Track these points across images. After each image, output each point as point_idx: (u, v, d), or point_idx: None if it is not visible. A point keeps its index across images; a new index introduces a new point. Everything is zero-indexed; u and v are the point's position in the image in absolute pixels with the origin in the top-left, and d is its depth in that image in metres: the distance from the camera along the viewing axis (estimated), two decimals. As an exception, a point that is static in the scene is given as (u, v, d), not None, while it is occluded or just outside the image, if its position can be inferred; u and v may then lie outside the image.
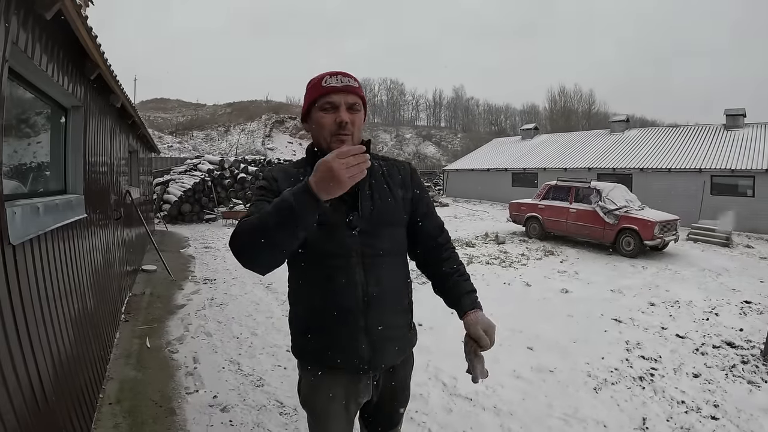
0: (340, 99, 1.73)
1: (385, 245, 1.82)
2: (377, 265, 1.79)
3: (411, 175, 1.99)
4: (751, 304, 7.67)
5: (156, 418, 3.67)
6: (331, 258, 1.75)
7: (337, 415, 1.88)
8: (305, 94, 1.83)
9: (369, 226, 1.77)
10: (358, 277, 1.75)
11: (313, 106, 1.78)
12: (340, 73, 1.76)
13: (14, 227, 2.21)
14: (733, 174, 18.38)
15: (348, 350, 1.77)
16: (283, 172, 1.84)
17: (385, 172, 1.92)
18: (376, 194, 1.83)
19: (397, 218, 1.88)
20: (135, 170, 10.47)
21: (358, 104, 1.78)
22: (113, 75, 4.78)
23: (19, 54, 2.38)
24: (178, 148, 41.34)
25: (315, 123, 1.78)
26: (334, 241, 1.74)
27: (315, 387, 1.87)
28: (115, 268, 5.80)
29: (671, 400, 4.24)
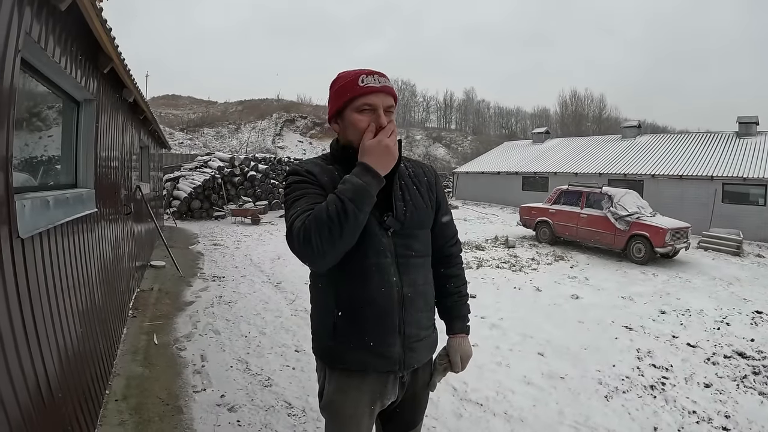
0: (379, 101, 1.68)
1: (416, 246, 1.81)
2: (410, 266, 1.78)
3: (435, 179, 1.98)
4: (762, 314, 7.60)
5: (162, 416, 3.65)
6: (367, 258, 1.71)
7: (363, 418, 1.84)
8: (334, 91, 1.76)
9: (402, 227, 1.76)
10: (393, 277, 1.73)
11: (347, 106, 1.72)
12: (377, 73, 1.72)
13: (23, 220, 2.19)
14: (745, 182, 18.21)
15: (382, 351, 1.74)
16: (317, 166, 1.78)
17: (412, 174, 1.90)
18: (407, 195, 1.81)
19: (427, 220, 1.87)
20: (146, 166, 10.50)
21: (393, 106, 1.74)
22: (126, 69, 4.77)
23: (33, 45, 2.36)
24: (188, 145, 41.46)
25: (350, 124, 1.72)
26: (369, 241, 1.70)
27: (342, 390, 1.82)
28: (124, 263, 5.79)
29: (683, 410, 4.19)
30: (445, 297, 2.00)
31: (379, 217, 1.72)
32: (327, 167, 1.78)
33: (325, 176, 1.72)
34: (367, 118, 1.67)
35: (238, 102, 56.95)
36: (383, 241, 1.72)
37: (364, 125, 1.67)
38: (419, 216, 1.82)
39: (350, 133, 1.72)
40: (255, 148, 42.81)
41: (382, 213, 1.73)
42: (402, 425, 2.02)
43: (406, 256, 1.77)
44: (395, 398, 1.89)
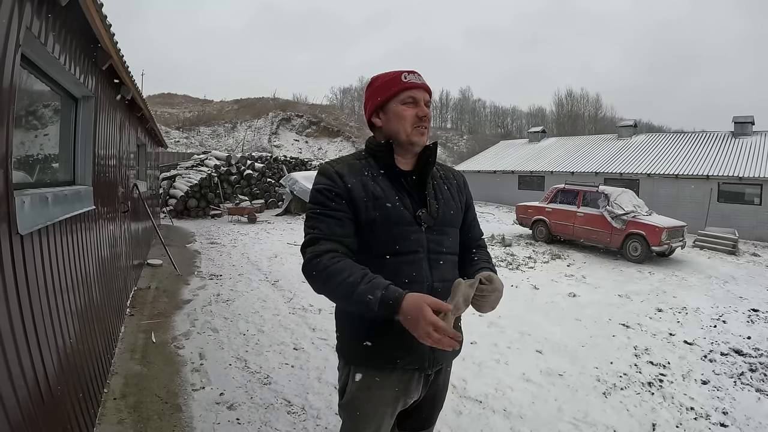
0: (421, 95, 1.85)
1: (447, 243, 1.89)
2: (441, 262, 1.85)
3: (464, 182, 2.12)
4: (758, 312, 7.65)
5: (161, 415, 3.63)
6: (400, 253, 1.78)
7: (384, 418, 1.88)
8: (376, 88, 1.90)
9: (436, 224, 1.85)
10: (424, 272, 1.79)
11: (391, 99, 1.85)
12: (416, 72, 1.88)
13: (23, 216, 2.18)
14: (741, 182, 18.31)
15: (412, 348, 1.75)
16: (348, 166, 1.86)
17: (443, 176, 2.03)
18: (439, 194, 1.93)
19: (457, 220, 1.98)
20: (143, 164, 10.48)
21: (430, 102, 1.92)
22: (125, 66, 4.75)
23: (33, 40, 2.35)
24: (185, 144, 41.42)
25: (395, 115, 1.84)
26: (402, 236, 1.79)
27: (367, 388, 1.85)
28: (122, 262, 5.77)
29: (680, 407, 4.21)
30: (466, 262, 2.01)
31: (413, 212, 1.81)
32: (358, 166, 1.87)
33: (354, 177, 1.81)
34: (412, 110, 1.83)
35: (234, 101, 56.89)
36: (414, 236, 1.80)
37: (409, 114, 1.82)
38: (451, 214, 1.92)
39: (395, 124, 1.84)
40: (251, 146, 42.84)
41: (414, 209, 1.82)
42: (419, 423, 2.07)
43: (437, 252, 1.84)
44: (418, 396, 1.93)
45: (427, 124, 1.86)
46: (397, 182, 1.84)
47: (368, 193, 1.78)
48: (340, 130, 53.22)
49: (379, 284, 1.55)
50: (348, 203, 1.76)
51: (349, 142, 51.80)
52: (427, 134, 1.87)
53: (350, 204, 1.76)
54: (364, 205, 1.76)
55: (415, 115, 1.82)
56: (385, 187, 1.82)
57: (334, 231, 1.72)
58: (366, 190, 1.79)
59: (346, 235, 1.74)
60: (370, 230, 1.78)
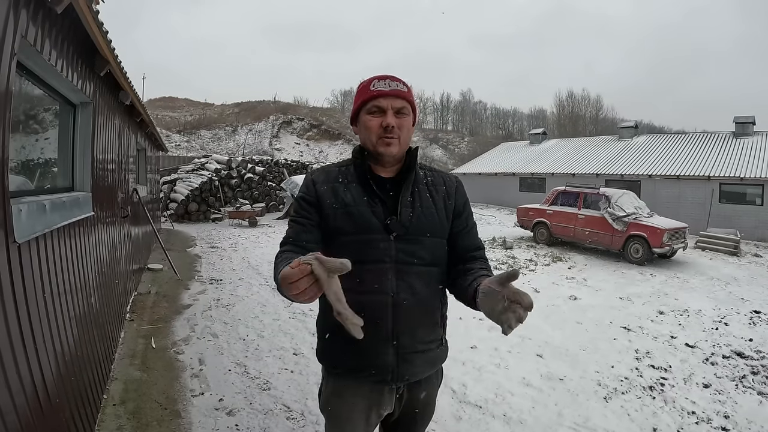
0: (387, 103, 1.76)
1: (421, 253, 1.78)
2: (411, 274, 1.75)
3: (456, 189, 1.97)
4: (760, 314, 7.62)
5: (161, 421, 3.63)
6: (364, 261, 1.70)
7: (357, 424, 1.85)
8: (355, 97, 1.89)
9: (407, 233, 1.76)
10: (389, 283, 1.72)
11: (361, 109, 1.82)
12: (389, 77, 1.81)
13: (20, 225, 2.18)
14: (742, 182, 18.30)
15: (372, 358, 1.73)
16: (325, 173, 1.88)
17: (430, 182, 1.92)
18: (418, 202, 1.82)
19: (438, 228, 1.84)
20: (143, 168, 10.49)
21: (405, 108, 1.80)
22: (123, 71, 4.76)
23: (29, 48, 2.35)
24: (185, 147, 41.42)
25: (363, 126, 1.81)
26: (369, 244, 1.74)
27: (337, 392, 1.86)
28: (121, 267, 5.77)
29: (682, 411, 4.19)
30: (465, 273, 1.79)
31: (382, 220, 1.75)
32: (334, 173, 1.87)
33: (326, 184, 1.81)
34: (377, 120, 1.77)
35: (235, 104, 56.88)
36: (383, 245, 1.73)
37: (373, 125, 1.77)
38: (428, 223, 1.81)
39: (362, 134, 1.83)
40: (252, 150, 42.81)
41: (386, 217, 1.75)
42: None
43: (407, 262, 1.75)
44: (391, 410, 1.89)
45: (393, 134, 1.76)
46: (369, 190, 1.79)
47: (338, 199, 1.78)
48: (341, 133, 53.20)
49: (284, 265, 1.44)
50: (316, 210, 1.79)
51: (350, 144, 51.77)
52: (397, 143, 1.78)
53: (318, 211, 1.79)
54: (333, 212, 1.76)
55: (380, 125, 1.76)
56: (356, 194, 1.79)
57: (299, 236, 1.77)
58: (336, 196, 1.78)
59: (309, 241, 1.76)
60: (337, 237, 1.77)
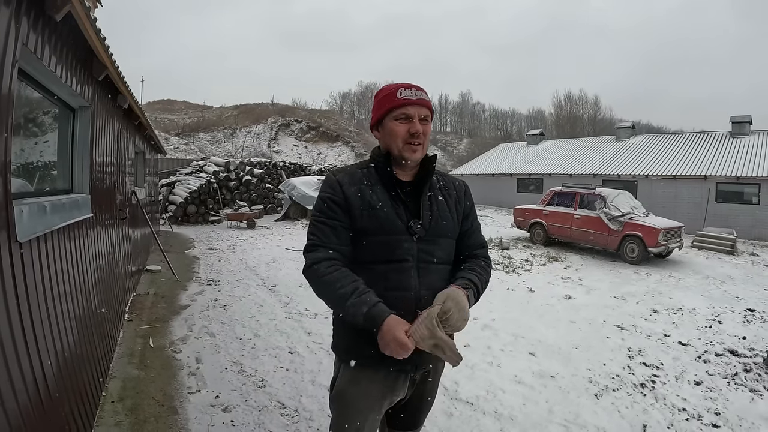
0: (414, 111, 1.87)
1: (438, 254, 1.93)
2: (430, 272, 1.90)
3: (465, 192, 2.13)
4: (754, 312, 7.64)
5: (158, 417, 3.69)
6: (389, 261, 1.85)
7: (371, 413, 1.94)
8: (377, 102, 1.97)
9: (427, 235, 1.90)
10: (412, 281, 1.85)
11: (386, 115, 1.91)
12: (414, 87, 1.91)
13: (22, 225, 2.24)
14: (739, 181, 18.34)
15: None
16: (349, 175, 1.95)
17: (442, 186, 2.06)
18: (435, 206, 1.96)
19: (451, 230, 2.00)
20: (141, 171, 10.53)
21: (428, 116, 1.93)
22: (121, 76, 4.81)
23: (29, 55, 2.41)
24: (184, 150, 41.46)
25: (388, 131, 1.91)
26: (394, 244, 1.85)
27: (355, 380, 1.93)
28: (120, 268, 5.82)
29: (672, 408, 4.22)
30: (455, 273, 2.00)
31: (406, 222, 1.87)
32: (358, 176, 1.95)
33: (352, 186, 1.89)
34: (404, 126, 1.87)
35: (234, 106, 56.92)
36: (406, 245, 1.86)
37: (401, 131, 1.87)
38: (444, 225, 1.95)
39: (389, 140, 1.91)
40: (250, 152, 42.85)
41: (408, 219, 1.88)
42: (407, 423, 2.16)
43: (427, 261, 1.89)
44: (404, 396, 2.02)
45: (420, 140, 1.88)
46: (394, 192, 1.90)
47: (364, 201, 1.86)
48: (340, 135, 53.22)
49: (365, 301, 1.69)
50: (344, 212, 1.86)
51: (349, 146, 51.81)
52: (421, 150, 1.90)
53: (346, 212, 1.86)
54: (359, 213, 1.84)
55: (407, 131, 1.86)
56: (382, 197, 1.88)
57: (330, 239, 1.85)
58: (363, 198, 1.86)
59: (340, 243, 1.85)
60: (362, 237, 1.86)
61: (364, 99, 72.32)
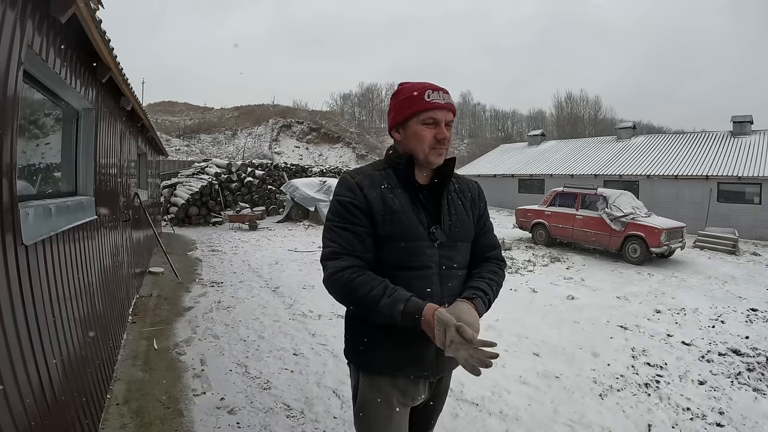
0: (442, 116, 1.79)
1: (458, 259, 1.89)
2: (451, 277, 1.86)
3: (479, 194, 2.09)
4: (757, 311, 7.64)
5: (163, 419, 3.69)
6: (412, 268, 1.79)
7: (398, 417, 1.90)
8: (398, 102, 1.86)
9: (448, 240, 1.84)
10: (435, 287, 1.80)
11: (411, 118, 1.81)
12: (441, 90, 1.81)
13: (27, 227, 2.24)
14: (740, 181, 18.33)
15: (420, 358, 1.82)
16: (368, 178, 1.86)
17: (458, 189, 2.00)
18: (453, 210, 1.91)
19: (469, 234, 1.96)
20: (143, 173, 10.54)
21: (452, 121, 1.86)
22: (124, 78, 4.82)
23: (34, 57, 2.41)
24: (185, 151, 41.50)
25: (414, 135, 1.81)
26: (415, 251, 1.79)
27: (377, 388, 1.88)
28: (123, 270, 5.82)
29: (677, 407, 4.22)
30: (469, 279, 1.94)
31: (428, 227, 1.81)
32: (378, 177, 1.87)
33: (374, 190, 1.81)
34: (431, 131, 1.79)
35: (235, 108, 56.95)
36: (428, 252, 1.80)
37: (428, 136, 1.78)
38: (463, 229, 1.91)
39: (413, 143, 1.82)
40: (252, 153, 42.89)
41: (429, 224, 1.82)
42: (422, 424, 2.14)
43: (449, 267, 1.85)
44: (424, 398, 1.98)
45: (446, 146, 1.82)
46: (415, 197, 1.84)
47: (386, 206, 1.79)
48: (341, 137, 53.27)
49: (400, 297, 1.63)
50: (367, 216, 1.78)
51: (350, 148, 51.86)
52: (445, 155, 1.85)
53: (369, 217, 1.78)
54: (382, 219, 1.78)
55: (434, 137, 1.78)
56: (403, 201, 1.81)
57: (354, 246, 1.76)
58: (385, 203, 1.79)
59: (365, 251, 1.77)
60: (385, 243, 1.79)
61: (365, 100, 72.44)
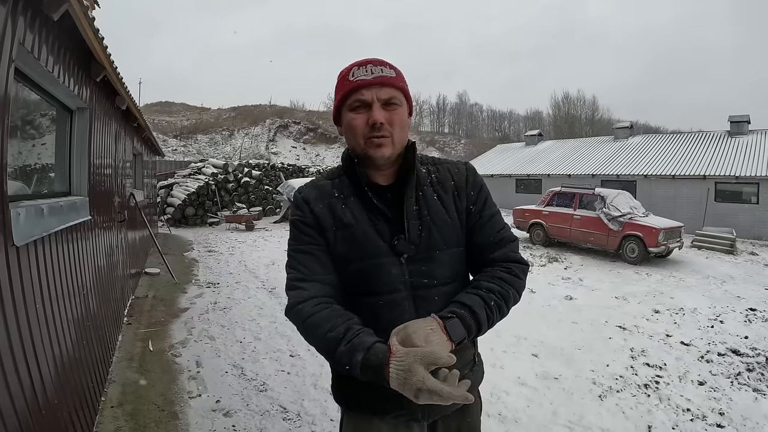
0: (372, 94, 1.40)
1: (438, 272, 1.48)
2: (430, 299, 1.46)
3: (467, 178, 1.60)
4: (756, 311, 7.63)
5: (158, 422, 3.66)
6: (375, 293, 1.46)
7: None
8: (334, 90, 1.51)
9: (418, 252, 1.46)
10: (407, 314, 1.41)
11: (342, 105, 1.47)
12: (371, 62, 1.44)
13: (18, 228, 2.20)
14: (738, 181, 18.32)
15: (399, 401, 1.30)
16: (316, 189, 1.54)
17: (434, 180, 1.57)
18: (425, 209, 1.50)
19: (453, 238, 1.53)
20: (139, 173, 10.51)
21: (396, 98, 1.44)
22: (119, 77, 4.78)
23: (26, 55, 2.38)
24: (182, 152, 41.37)
25: (347, 126, 1.46)
26: (378, 271, 1.45)
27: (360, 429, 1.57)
28: (118, 271, 5.79)
29: (677, 408, 4.21)
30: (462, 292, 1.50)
31: (389, 240, 1.45)
32: (327, 188, 1.54)
33: (321, 202, 1.50)
34: (363, 116, 1.41)
35: (231, 108, 56.80)
36: (393, 271, 1.45)
37: (358, 123, 1.42)
38: (440, 234, 1.49)
39: (348, 135, 1.47)
40: (248, 154, 42.80)
41: (393, 235, 1.45)
42: None
43: (425, 286, 1.46)
44: None
45: (384, 132, 1.41)
46: (369, 204, 1.48)
47: (336, 220, 1.48)
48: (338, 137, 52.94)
49: (361, 344, 1.27)
50: (319, 234, 1.48)
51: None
52: (390, 143, 1.43)
53: (321, 234, 1.48)
54: (333, 235, 1.47)
55: (366, 122, 1.41)
56: (356, 211, 1.48)
57: (314, 269, 1.46)
58: (334, 216, 1.48)
59: (325, 272, 1.47)
60: (342, 266, 1.48)
61: (362, 100, 72.37)
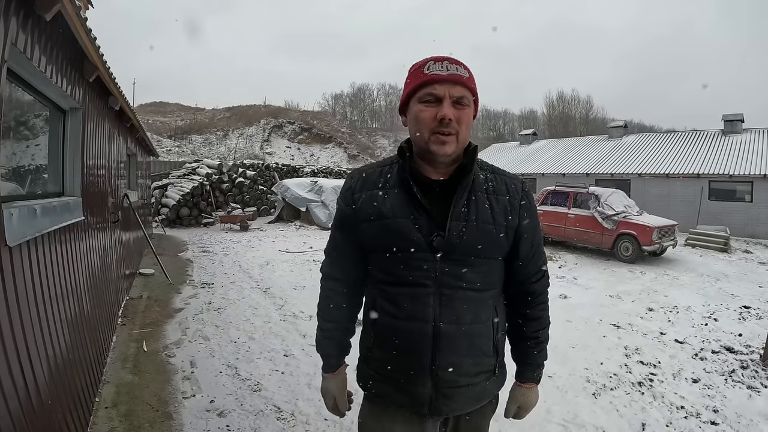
0: (445, 90, 1.44)
1: (471, 276, 1.50)
2: (456, 300, 1.49)
3: (522, 196, 1.61)
4: (750, 309, 7.66)
5: (152, 423, 3.64)
6: (401, 283, 1.50)
7: None
8: (406, 81, 1.56)
9: (455, 252, 1.48)
10: (430, 309, 1.48)
11: (412, 96, 1.51)
12: (447, 59, 1.48)
13: (11, 229, 2.20)
14: (731, 179, 18.43)
15: (409, 390, 1.53)
16: (366, 174, 1.63)
17: (490, 188, 1.57)
18: (473, 214, 1.51)
19: (494, 249, 1.55)
20: (133, 173, 10.48)
21: (466, 98, 1.48)
22: (112, 77, 4.77)
23: (18, 55, 2.37)
24: (176, 152, 41.30)
25: (413, 117, 1.50)
26: (408, 263, 1.49)
27: (375, 414, 1.66)
28: (113, 272, 5.77)
29: (670, 406, 4.21)
30: (519, 340, 1.72)
31: (427, 235, 1.48)
32: (376, 175, 1.60)
33: (365, 191, 1.57)
34: (432, 110, 1.45)
35: (226, 108, 56.78)
36: (425, 266, 1.48)
37: (426, 117, 1.46)
38: (481, 240, 1.50)
39: (413, 127, 1.51)
40: (243, 154, 42.76)
41: (431, 231, 1.48)
42: None
43: (453, 286, 1.48)
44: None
45: (451, 129, 1.44)
46: (414, 197, 1.49)
47: (374, 210, 1.52)
48: (332, 137, 53.21)
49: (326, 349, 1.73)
50: (353, 224, 1.57)
51: (341, 148, 51.85)
52: (455, 141, 1.46)
53: (355, 223, 1.56)
54: (369, 225, 1.53)
55: (434, 117, 1.43)
56: (396, 203, 1.50)
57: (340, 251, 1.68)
58: (372, 206, 1.52)
59: (352, 260, 1.64)
60: (371, 252, 1.56)
61: (356, 100, 72.47)
